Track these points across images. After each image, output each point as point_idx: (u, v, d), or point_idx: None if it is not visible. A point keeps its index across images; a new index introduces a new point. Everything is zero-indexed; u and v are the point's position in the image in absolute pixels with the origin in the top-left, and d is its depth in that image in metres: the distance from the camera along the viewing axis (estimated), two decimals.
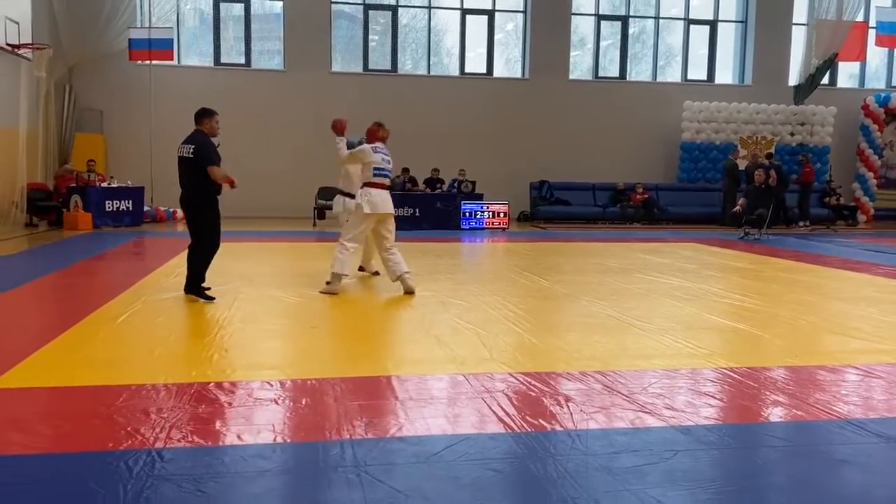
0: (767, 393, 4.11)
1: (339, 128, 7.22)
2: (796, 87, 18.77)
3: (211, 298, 6.56)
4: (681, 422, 3.55)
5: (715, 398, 3.99)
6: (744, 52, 19.17)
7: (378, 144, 7.28)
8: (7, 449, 3.11)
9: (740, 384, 4.22)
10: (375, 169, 7.10)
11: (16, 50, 11.86)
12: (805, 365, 4.67)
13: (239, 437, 3.30)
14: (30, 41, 12.22)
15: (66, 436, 3.28)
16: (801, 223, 16.52)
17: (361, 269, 8.32)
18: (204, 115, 6.69)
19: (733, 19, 19.11)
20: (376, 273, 8.19)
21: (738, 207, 13.91)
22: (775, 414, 3.81)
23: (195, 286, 6.67)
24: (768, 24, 18.75)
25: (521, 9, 18.16)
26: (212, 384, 4.02)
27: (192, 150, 6.51)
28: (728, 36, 19.23)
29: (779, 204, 14.58)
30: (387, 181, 7.26)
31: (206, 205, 6.66)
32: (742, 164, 16.98)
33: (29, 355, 4.55)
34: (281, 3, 17.09)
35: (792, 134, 18.63)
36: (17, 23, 11.64)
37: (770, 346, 5.32)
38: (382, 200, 7.08)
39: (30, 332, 5.42)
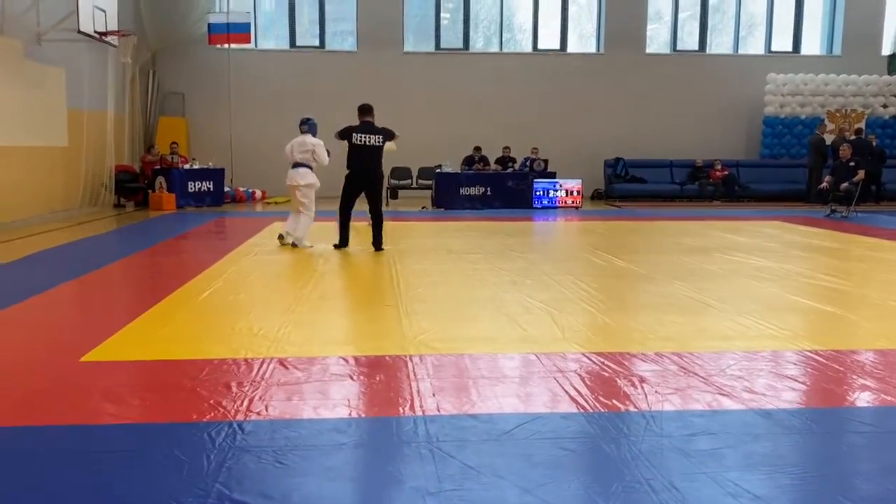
0: (854, 376, 3.94)
1: None
2: (891, 57, 17.75)
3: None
4: (761, 405, 3.44)
5: (797, 381, 3.86)
6: (833, 20, 18.21)
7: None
8: (100, 419, 3.28)
9: (825, 367, 4.06)
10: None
11: (103, 37, 12.33)
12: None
13: (315, 411, 3.38)
14: (116, 28, 12.68)
15: (152, 407, 3.44)
16: None
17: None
18: (372, 108, 8.27)
19: None
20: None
21: (824, 184, 13.35)
22: (862, 398, 3.66)
23: (381, 243, 8.41)
24: None
25: None
26: (290, 359, 4.12)
27: (381, 139, 8.26)
28: (816, 2, 18.28)
29: (871, 180, 13.90)
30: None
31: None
32: (829, 139, 16.24)
33: (118, 330, 4.77)
34: None
35: (885, 106, 17.66)
36: (104, 11, 12.09)
37: (858, 329, 5.10)
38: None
39: (118, 309, 5.69)
